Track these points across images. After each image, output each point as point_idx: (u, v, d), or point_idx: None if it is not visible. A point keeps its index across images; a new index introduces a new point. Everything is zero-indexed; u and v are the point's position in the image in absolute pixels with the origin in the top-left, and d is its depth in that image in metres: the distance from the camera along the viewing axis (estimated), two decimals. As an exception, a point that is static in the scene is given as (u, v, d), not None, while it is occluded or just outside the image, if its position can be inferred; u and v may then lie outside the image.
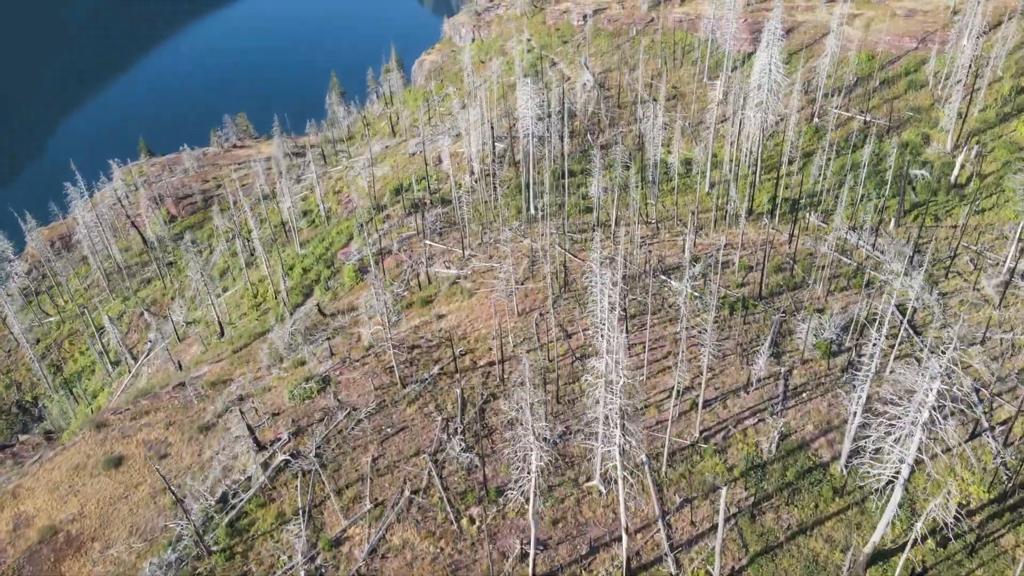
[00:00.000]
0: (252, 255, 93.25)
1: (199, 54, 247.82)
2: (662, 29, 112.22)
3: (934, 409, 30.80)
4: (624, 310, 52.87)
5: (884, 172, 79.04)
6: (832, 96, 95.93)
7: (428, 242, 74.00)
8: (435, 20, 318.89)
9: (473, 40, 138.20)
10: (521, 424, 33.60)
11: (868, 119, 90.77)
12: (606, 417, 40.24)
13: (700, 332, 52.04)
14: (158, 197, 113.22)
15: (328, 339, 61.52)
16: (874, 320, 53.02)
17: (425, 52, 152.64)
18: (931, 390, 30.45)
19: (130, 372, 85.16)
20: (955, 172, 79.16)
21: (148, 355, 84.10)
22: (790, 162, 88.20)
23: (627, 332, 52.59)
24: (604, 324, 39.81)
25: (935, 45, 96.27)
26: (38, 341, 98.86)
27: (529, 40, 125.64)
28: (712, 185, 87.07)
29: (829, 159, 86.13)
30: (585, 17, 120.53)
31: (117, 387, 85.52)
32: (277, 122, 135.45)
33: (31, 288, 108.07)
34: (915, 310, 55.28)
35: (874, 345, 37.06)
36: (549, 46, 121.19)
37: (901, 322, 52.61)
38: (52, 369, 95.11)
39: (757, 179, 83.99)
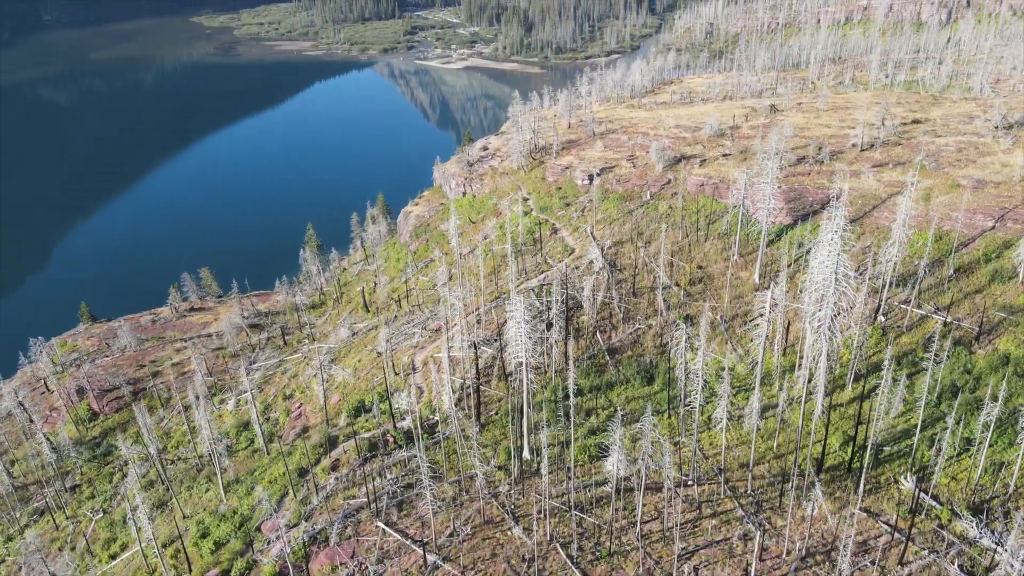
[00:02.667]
0: (167, 491, 72.50)
1: (180, 188, 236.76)
2: (682, 194, 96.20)
3: None
4: None
5: (989, 403, 59.55)
6: (896, 286, 78.01)
7: (381, 524, 53.31)
8: (442, 137, 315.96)
9: (464, 194, 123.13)
10: None
11: (948, 320, 72.26)
12: None
13: None
14: (75, 390, 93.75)
15: None
16: None
17: (412, 202, 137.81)
18: None
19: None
20: (1090, 410, 59.51)
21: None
22: (857, 379, 68.97)
23: None
24: None
25: (1018, 225, 79.42)
26: None
27: (526, 200, 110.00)
28: (763, 412, 67.22)
29: (908, 374, 67.06)
30: (591, 177, 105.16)
31: None
32: (236, 288, 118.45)
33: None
34: None
35: None
36: (549, 208, 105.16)
37: None
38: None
39: (821, 407, 64.23)
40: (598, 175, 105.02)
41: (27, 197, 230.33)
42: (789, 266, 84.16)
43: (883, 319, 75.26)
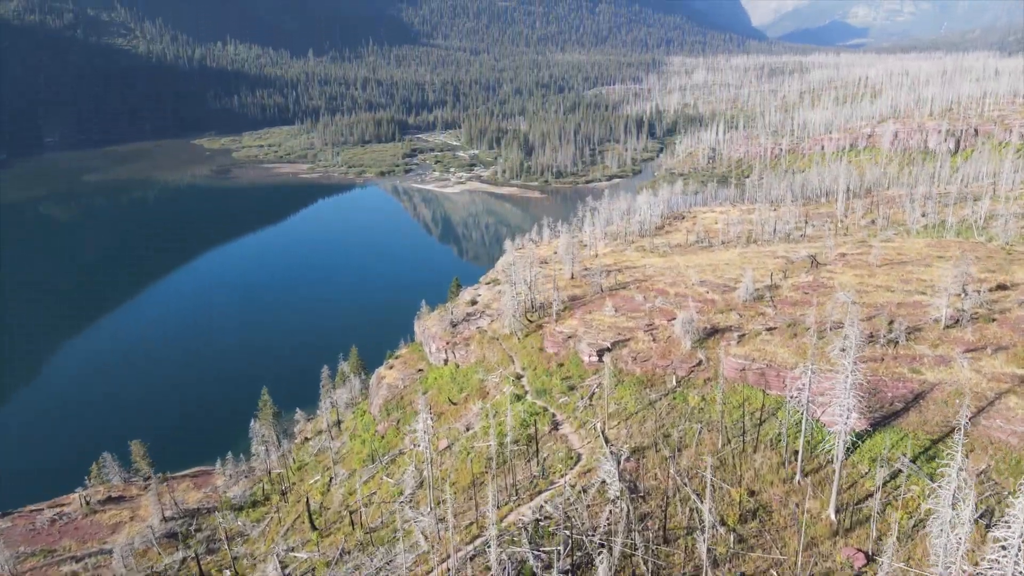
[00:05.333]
0: None
1: (148, 323, 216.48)
2: (721, 386, 74.86)
3: None
4: None
5: None
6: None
7: None
8: (442, 252, 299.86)
9: (446, 361, 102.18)
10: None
11: None
12: None
13: None
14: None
15: None
16: None
17: (387, 362, 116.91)
18: None
19: None
20: None
21: None
22: None
23: None
24: None
25: None
26: None
27: (520, 378, 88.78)
28: None
29: None
30: (600, 353, 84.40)
31: None
32: (154, 481, 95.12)
33: None
34: None
35: None
36: (548, 392, 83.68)
37: None
38: None
39: None
40: (609, 350, 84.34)
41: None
42: (874, 493, 61.62)
43: None
